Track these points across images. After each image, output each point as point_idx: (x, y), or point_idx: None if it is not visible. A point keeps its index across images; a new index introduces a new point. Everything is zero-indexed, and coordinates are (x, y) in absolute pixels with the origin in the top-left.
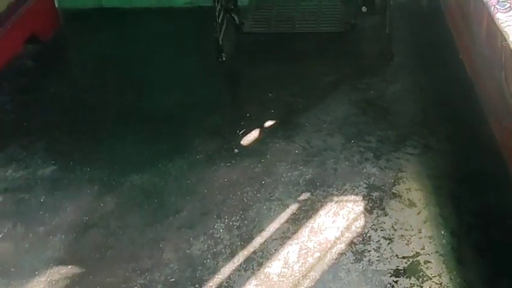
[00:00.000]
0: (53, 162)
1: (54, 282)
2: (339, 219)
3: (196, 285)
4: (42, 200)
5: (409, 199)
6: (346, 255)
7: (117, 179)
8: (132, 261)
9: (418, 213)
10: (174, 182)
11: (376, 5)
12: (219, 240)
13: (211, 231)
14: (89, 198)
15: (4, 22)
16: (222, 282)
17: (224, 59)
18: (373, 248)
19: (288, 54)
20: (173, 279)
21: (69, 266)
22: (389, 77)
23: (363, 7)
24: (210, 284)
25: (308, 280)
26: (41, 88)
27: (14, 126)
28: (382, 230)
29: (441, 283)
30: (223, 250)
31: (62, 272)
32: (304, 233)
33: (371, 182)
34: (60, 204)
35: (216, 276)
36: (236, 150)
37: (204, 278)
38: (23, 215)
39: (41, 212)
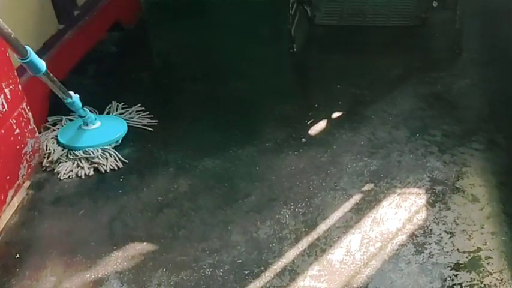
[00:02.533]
0: (131, 143)
1: (130, 257)
2: (401, 211)
3: (262, 268)
4: (120, 180)
5: (472, 194)
6: (407, 246)
7: (190, 163)
8: (203, 242)
9: (481, 209)
10: (244, 167)
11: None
12: (284, 226)
13: (277, 216)
14: (164, 180)
15: (91, 9)
16: (286, 266)
17: (295, 49)
18: (434, 241)
19: (358, 47)
20: (240, 261)
21: (145, 243)
22: (457, 71)
23: (434, 2)
24: (275, 267)
25: (369, 269)
26: (123, 72)
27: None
28: (444, 224)
29: (502, 279)
30: (288, 235)
31: (137, 248)
32: (367, 223)
33: (434, 176)
34: (137, 184)
35: (281, 260)
36: (304, 140)
37: (269, 261)
38: (102, 193)
39: (120, 191)
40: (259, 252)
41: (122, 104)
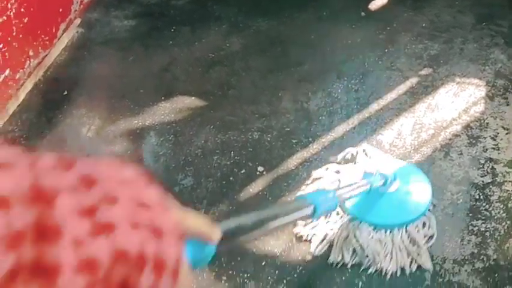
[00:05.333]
0: None
1: (178, 109)
2: (458, 100)
3: (310, 139)
4: (172, 30)
5: None
6: (460, 137)
7: (244, 21)
8: (252, 104)
9: None
10: (299, 33)
11: None
12: (336, 100)
13: (329, 89)
14: (217, 36)
15: None
16: (334, 140)
17: None
18: (490, 136)
19: None
20: (288, 129)
21: (193, 98)
22: None
23: None
24: (323, 140)
25: (419, 155)
26: None
27: None
28: (501, 120)
29: None
30: (339, 110)
31: (186, 101)
32: (421, 108)
33: (497, 69)
34: (189, 37)
35: (330, 133)
36: (363, 14)
37: (318, 133)
38: (154, 41)
39: (171, 42)
40: (309, 122)
41: None
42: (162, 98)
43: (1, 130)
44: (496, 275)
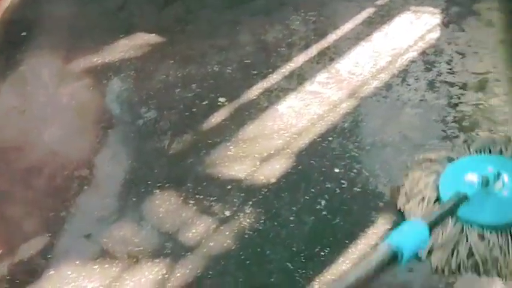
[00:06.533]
0: None
1: (138, 46)
2: (414, 28)
3: (270, 70)
4: None
5: (488, 19)
6: (416, 63)
7: None
8: (210, 39)
9: (495, 34)
10: None
11: None
12: (294, 32)
13: (287, 21)
14: None
15: None
16: (294, 70)
17: None
18: (445, 61)
19: None
20: (248, 61)
21: (152, 34)
22: None
23: None
24: (283, 70)
25: (377, 81)
26: None
27: None
28: (456, 45)
29: (507, 101)
30: (297, 41)
31: (144, 38)
32: (378, 37)
33: None
34: None
35: (289, 64)
36: None
37: (277, 64)
38: None
39: None
40: (268, 54)
41: None
42: (121, 35)
43: None
44: None
